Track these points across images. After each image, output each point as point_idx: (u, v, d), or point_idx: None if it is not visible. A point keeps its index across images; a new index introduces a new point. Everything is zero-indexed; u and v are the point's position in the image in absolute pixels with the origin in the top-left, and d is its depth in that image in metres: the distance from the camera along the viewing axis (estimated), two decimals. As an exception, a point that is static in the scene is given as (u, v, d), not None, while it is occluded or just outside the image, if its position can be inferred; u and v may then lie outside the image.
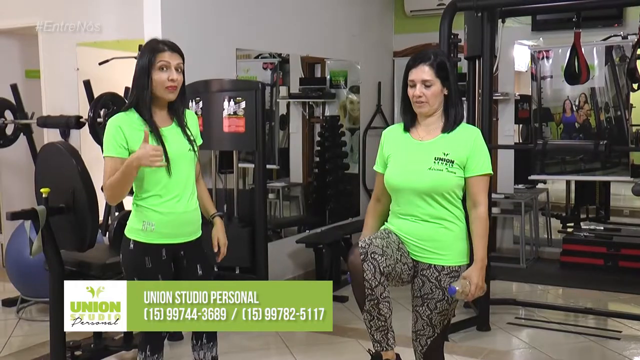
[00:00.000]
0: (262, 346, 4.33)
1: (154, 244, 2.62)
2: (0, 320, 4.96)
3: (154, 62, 2.57)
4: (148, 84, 2.57)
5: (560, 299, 5.62)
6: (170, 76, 2.57)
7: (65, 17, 5.67)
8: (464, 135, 2.54)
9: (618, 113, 6.04)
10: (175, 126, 2.69)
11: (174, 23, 4.73)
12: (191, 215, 2.72)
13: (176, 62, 2.60)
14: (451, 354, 3.22)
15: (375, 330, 2.47)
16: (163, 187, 2.61)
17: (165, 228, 2.63)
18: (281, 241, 5.76)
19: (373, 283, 2.38)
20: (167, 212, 2.62)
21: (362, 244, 2.42)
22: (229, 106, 4.58)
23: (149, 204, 2.61)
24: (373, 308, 2.42)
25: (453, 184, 2.49)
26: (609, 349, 4.26)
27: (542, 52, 6.34)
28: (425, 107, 2.52)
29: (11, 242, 5.08)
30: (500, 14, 4.53)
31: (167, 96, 2.61)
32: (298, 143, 6.40)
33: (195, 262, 2.75)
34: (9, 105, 5.88)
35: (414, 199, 2.52)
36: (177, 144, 2.65)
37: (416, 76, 2.51)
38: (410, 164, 2.53)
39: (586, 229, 6.81)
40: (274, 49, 5.79)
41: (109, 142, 2.56)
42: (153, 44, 2.64)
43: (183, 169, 2.66)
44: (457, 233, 2.55)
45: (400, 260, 2.50)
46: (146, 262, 2.61)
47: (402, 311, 2.93)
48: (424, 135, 2.57)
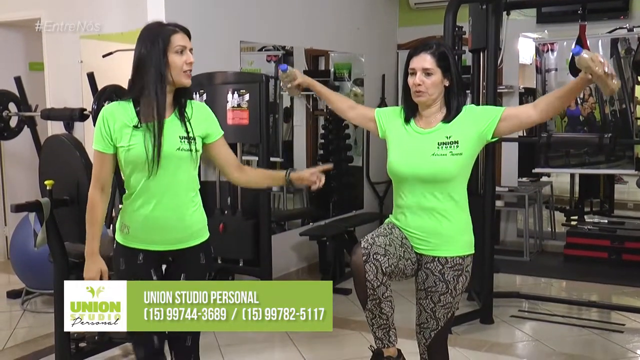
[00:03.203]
0: (266, 339, 4.34)
1: (129, 247, 2.44)
2: (5, 312, 4.98)
3: (170, 45, 2.34)
4: (166, 69, 2.34)
5: (563, 291, 5.62)
6: (188, 59, 2.38)
7: (68, 10, 5.67)
8: (461, 117, 2.52)
9: (623, 106, 6.01)
10: (174, 118, 2.42)
11: (177, 15, 4.71)
12: (175, 222, 2.44)
13: (190, 45, 2.41)
14: (454, 347, 3.22)
15: (377, 328, 2.48)
16: (142, 189, 2.38)
17: (139, 232, 2.43)
18: (285, 234, 5.77)
19: (375, 283, 2.38)
20: (141, 215, 2.40)
21: (365, 245, 2.41)
22: (233, 99, 4.58)
23: (127, 205, 2.44)
24: (375, 307, 2.43)
25: (457, 167, 2.47)
26: (613, 342, 4.26)
27: (546, 44, 6.31)
28: (424, 96, 2.49)
29: (16, 235, 5.10)
30: (505, 6, 4.51)
31: (184, 81, 2.38)
32: (302, 136, 6.40)
33: (180, 271, 2.51)
34: (13, 98, 5.88)
35: (417, 187, 2.51)
36: (167, 141, 2.36)
37: (417, 64, 2.50)
38: (413, 152, 2.52)
39: (590, 222, 6.81)
40: (278, 41, 5.78)
41: (96, 134, 2.39)
42: (162, 26, 2.41)
43: (169, 169, 2.37)
44: (461, 225, 2.54)
45: (403, 257, 2.50)
46: (120, 263, 2.46)
47: (406, 304, 2.93)
48: (425, 126, 2.55)
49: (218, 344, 4.19)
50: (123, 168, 2.43)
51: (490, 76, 4.45)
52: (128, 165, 2.38)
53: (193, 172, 2.48)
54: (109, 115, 2.37)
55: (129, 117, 2.36)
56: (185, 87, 2.42)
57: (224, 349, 4.11)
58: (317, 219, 6.11)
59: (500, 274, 5.34)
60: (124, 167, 2.41)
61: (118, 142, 2.36)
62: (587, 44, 5.14)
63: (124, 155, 2.37)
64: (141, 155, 2.33)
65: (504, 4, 4.48)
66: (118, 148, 2.38)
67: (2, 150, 6.36)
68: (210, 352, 4.07)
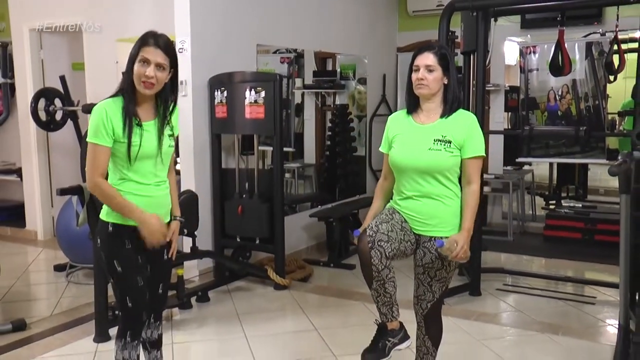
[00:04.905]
0: (279, 307, 4.33)
1: (132, 226, 2.36)
2: (52, 283, 4.99)
3: (137, 54, 2.31)
4: (130, 74, 2.32)
5: (543, 268, 5.57)
6: (147, 72, 2.29)
7: (105, 16, 5.65)
8: (460, 120, 2.49)
9: (596, 102, 5.95)
10: (155, 123, 2.39)
11: (201, 22, 4.69)
12: (163, 199, 2.46)
13: (157, 61, 2.29)
14: (447, 316, 3.19)
15: (382, 305, 2.46)
16: (138, 175, 2.36)
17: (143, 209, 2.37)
18: (296, 215, 5.74)
19: (380, 267, 2.35)
20: (145, 195, 2.37)
21: (370, 232, 2.38)
22: (250, 95, 4.55)
23: (128, 188, 2.35)
24: (380, 287, 2.40)
25: (450, 163, 2.45)
26: (585, 313, 4.22)
27: (529, 47, 6.25)
28: (425, 89, 2.47)
29: (61, 215, 5.10)
30: (492, 13, 4.48)
31: (143, 91, 2.32)
32: (311, 128, 6.36)
33: (163, 247, 2.49)
34: (58, 94, 5.89)
35: (415, 177, 2.48)
36: (148, 142, 2.35)
37: (421, 62, 2.48)
38: (412, 145, 2.49)
39: (566, 206, 6.76)
40: (290, 44, 5.73)
41: (97, 129, 2.28)
42: (144, 36, 2.35)
43: (154, 162, 2.39)
44: (454, 209, 2.51)
45: (403, 239, 2.47)
46: (125, 243, 2.37)
47: (405, 279, 2.90)
48: (425, 120, 2.52)
49: (237, 312, 4.18)
50: (127, 155, 2.33)
51: (479, 75, 4.41)
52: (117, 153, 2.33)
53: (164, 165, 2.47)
54: (109, 111, 2.30)
55: (121, 113, 2.32)
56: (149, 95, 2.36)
57: (242, 317, 4.10)
58: (324, 203, 6.08)
59: (488, 252, 5.30)
60: (128, 155, 2.33)
61: (118, 136, 2.31)
62: (565, 47, 5.07)
63: (123, 147, 2.32)
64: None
65: (492, 11, 4.44)
66: (117, 140, 2.31)
67: (49, 141, 6.36)
68: (230, 319, 4.06)
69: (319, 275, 5.16)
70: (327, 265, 5.41)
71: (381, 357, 2.48)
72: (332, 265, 5.39)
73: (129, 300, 2.42)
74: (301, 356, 3.48)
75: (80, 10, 5.75)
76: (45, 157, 6.36)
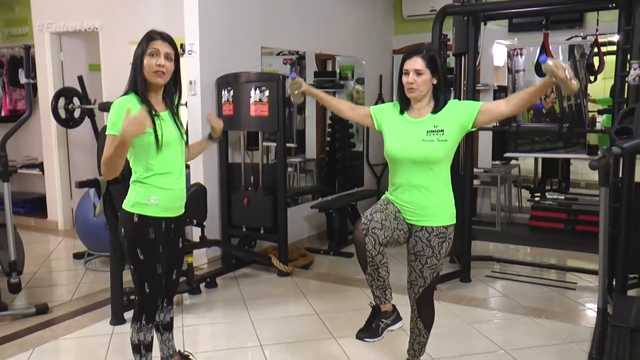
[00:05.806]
0: (282, 293, 4.33)
1: (156, 217, 2.39)
2: (71, 270, 5.00)
3: (146, 49, 2.34)
4: (141, 68, 2.35)
5: (528, 256, 5.57)
6: (158, 62, 2.33)
7: (120, 20, 5.64)
8: (446, 109, 2.48)
9: (578, 101, 5.95)
10: (168, 113, 2.44)
11: (209, 25, 4.67)
12: (182, 192, 2.50)
13: (165, 51, 2.35)
14: (439, 300, 3.20)
15: (376, 288, 2.46)
16: (163, 166, 2.38)
17: (166, 202, 2.40)
18: (298, 207, 5.74)
19: (373, 253, 2.35)
20: (169, 188, 2.40)
21: (365, 220, 2.38)
22: (255, 94, 4.54)
23: (154, 182, 2.37)
24: (374, 272, 2.40)
25: (443, 152, 2.42)
26: (567, 297, 4.23)
27: (516, 49, 6.24)
28: (415, 92, 2.46)
29: (79, 206, 5.10)
30: (482, 18, 4.45)
31: (156, 80, 2.35)
32: (312, 125, 6.35)
33: (178, 236, 2.56)
34: (77, 93, 5.88)
35: (409, 168, 2.46)
36: (170, 129, 2.41)
37: (410, 66, 2.46)
38: (406, 138, 2.48)
39: (550, 198, 6.75)
40: (292, 47, 5.71)
41: (117, 122, 2.24)
42: (149, 33, 2.40)
43: (176, 151, 2.44)
44: (446, 199, 2.50)
45: (397, 228, 2.47)
46: (150, 232, 2.38)
47: (399, 265, 2.90)
48: (417, 116, 2.51)
49: (243, 297, 4.18)
50: (155, 143, 2.34)
51: (470, 76, 4.39)
52: (142, 148, 2.34)
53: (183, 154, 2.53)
54: (128, 105, 2.26)
55: (137, 107, 2.31)
56: (160, 85, 2.38)
57: (248, 301, 4.10)
58: (325, 195, 6.08)
59: (477, 241, 5.30)
60: (157, 142, 2.34)
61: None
62: (549, 49, 5.06)
63: (150, 137, 2.33)
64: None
65: (481, 16, 4.42)
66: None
67: (68, 137, 6.36)
68: (236, 303, 4.07)
69: (320, 263, 5.17)
70: (327, 253, 5.41)
71: (374, 336, 2.48)
72: (332, 254, 5.39)
73: (147, 286, 2.43)
74: (303, 338, 3.48)
75: (96, 15, 5.75)
76: (64, 152, 6.36)
